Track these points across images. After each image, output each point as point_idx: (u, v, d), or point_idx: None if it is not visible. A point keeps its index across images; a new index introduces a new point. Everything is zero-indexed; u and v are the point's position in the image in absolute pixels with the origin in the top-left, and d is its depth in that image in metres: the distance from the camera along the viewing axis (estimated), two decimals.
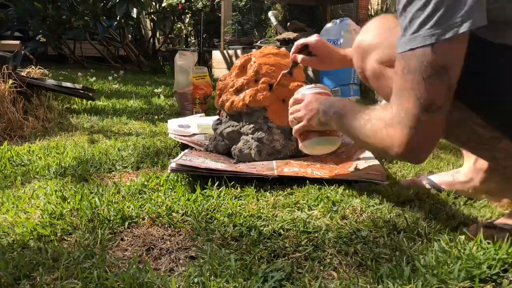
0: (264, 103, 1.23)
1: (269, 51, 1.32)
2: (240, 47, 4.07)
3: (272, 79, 1.26)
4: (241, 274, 0.63)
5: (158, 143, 1.47)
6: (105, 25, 4.59)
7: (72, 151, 1.31)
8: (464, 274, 0.61)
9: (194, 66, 2.17)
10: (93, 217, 0.83)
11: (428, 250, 0.69)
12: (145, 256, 0.71)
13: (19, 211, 0.86)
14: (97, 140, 1.54)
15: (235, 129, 1.26)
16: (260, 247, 0.72)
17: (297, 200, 0.93)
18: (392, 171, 1.16)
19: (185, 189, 0.99)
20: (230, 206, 0.89)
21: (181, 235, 0.78)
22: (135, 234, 0.78)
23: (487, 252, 0.66)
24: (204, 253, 0.70)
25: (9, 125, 1.60)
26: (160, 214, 0.85)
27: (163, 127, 1.77)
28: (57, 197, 0.92)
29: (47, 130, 1.67)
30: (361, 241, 0.75)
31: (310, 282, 0.62)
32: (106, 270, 0.65)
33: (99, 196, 0.93)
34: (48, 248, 0.70)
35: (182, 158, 1.12)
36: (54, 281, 0.62)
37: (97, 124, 1.84)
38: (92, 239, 0.74)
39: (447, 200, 0.94)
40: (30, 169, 1.14)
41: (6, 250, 0.70)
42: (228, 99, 1.27)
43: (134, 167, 1.20)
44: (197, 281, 0.62)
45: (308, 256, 0.70)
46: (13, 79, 1.73)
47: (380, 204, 0.91)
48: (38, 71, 2.13)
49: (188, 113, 2.09)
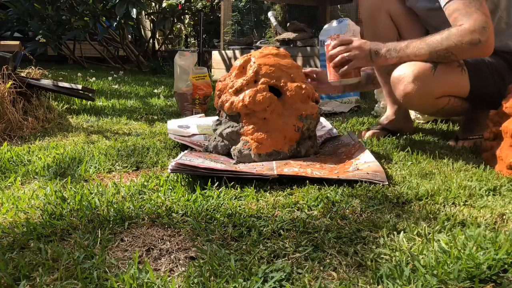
0: (263, 103, 1.23)
1: (268, 51, 1.32)
2: (240, 47, 4.07)
3: (272, 79, 1.26)
4: (241, 275, 0.63)
5: (158, 143, 1.47)
6: (105, 26, 4.59)
7: (72, 152, 1.31)
8: (464, 274, 0.62)
9: (194, 67, 2.17)
10: (93, 218, 0.82)
11: (428, 250, 0.69)
12: (145, 257, 0.71)
13: (19, 211, 0.86)
14: (97, 140, 1.54)
15: (235, 129, 1.26)
16: (260, 247, 0.72)
17: (297, 200, 0.93)
18: (391, 171, 1.16)
19: (185, 189, 0.99)
20: (230, 206, 0.89)
21: (181, 236, 0.78)
22: (135, 235, 0.78)
23: (487, 252, 0.66)
24: (204, 253, 0.70)
25: (9, 125, 1.60)
26: (160, 214, 0.85)
27: (163, 128, 1.77)
28: (57, 198, 0.92)
29: (47, 131, 1.67)
30: (361, 241, 0.75)
31: (310, 282, 0.62)
32: (106, 270, 0.65)
33: (99, 197, 0.93)
34: (48, 248, 0.70)
35: (182, 159, 1.12)
36: (54, 282, 0.62)
37: (96, 124, 1.84)
38: (92, 240, 0.74)
39: (447, 200, 0.94)
40: (30, 170, 1.14)
41: (6, 250, 0.70)
42: (228, 99, 1.27)
43: (134, 167, 1.20)
44: (197, 281, 0.62)
45: (308, 256, 0.70)
46: (12, 79, 1.73)
47: (380, 204, 0.91)
48: (38, 72, 2.13)
49: (188, 113, 2.09)
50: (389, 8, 1.50)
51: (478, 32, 1.19)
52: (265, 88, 1.25)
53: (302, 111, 1.25)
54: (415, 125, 1.84)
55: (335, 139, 1.51)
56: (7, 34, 4.63)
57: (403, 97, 1.32)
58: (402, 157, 1.29)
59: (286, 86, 1.26)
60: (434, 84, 1.27)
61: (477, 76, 1.31)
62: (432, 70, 1.26)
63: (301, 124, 1.25)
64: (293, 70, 1.29)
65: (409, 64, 1.29)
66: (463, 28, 1.21)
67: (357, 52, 1.31)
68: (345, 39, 1.33)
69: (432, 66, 1.26)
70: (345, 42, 1.33)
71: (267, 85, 1.25)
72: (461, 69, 1.30)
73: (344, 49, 1.32)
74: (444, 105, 1.33)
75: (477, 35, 1.19)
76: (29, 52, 2.85)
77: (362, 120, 2.00)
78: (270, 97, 1.24)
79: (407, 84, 1.28)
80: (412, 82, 1.27)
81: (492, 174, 1.12)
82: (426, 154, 1.32)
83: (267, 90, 1.25)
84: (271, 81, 1.26)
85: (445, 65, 1.27)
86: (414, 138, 1.61)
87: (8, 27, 4.55)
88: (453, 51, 1.24)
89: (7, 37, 4.61)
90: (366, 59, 1.31)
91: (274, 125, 1.24)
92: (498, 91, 1.32)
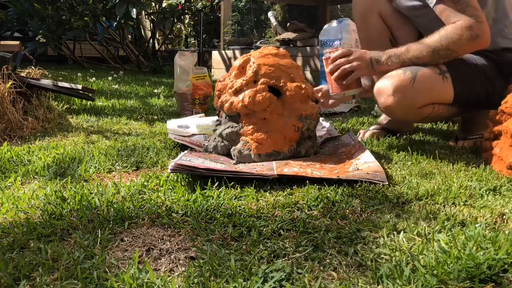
0: (263, 104, 1.23)
1: (268, 51, 1.32)
2: (240, 47, 4.07)
3: (271, 79, 1.26)
4: (241, 275, 0.63)
5: (158, 143, 1.47)
6: (105, 26, 4.58)
7: (72, 152, 1.31)
8: (464, 274, 0.62)
9: (194, 67, 2.17)
10: (93, 218, 0.82)
11: (428, 250, 0.69)
12: (145, 257, 0.71)
13: (19, 211, 0.86)
14: (97, 140, 1.54)
15: (235, 130, 1.26)
16: (260, 247, 0.72)
17: (297, 200, 0.93)
18: (391, 171, 1.16)
19: (185, 189, 0.99)
20: (230, 206, 0.89)
21: (181, 236, 0.78)
22: (135, 235, 0.78)
23: (487, 252, 0.66)
24: (204, 253, 0.70)
25: (9, 125, 1.60)
26: (160, 214, 0.85)
27: (163, 128, 1.77)
28: (57, 198, 0.92)
29: (47, 131, 1.67)
30: (361, 241, 0.75)
31: (310, 282, 0.62)
32: (106, 270, 0.65)
33: (99, 197, 0.93)
34: (48, 248, 0.70)
35: (182, 159, 1.12)
36: (54, 282, 0.62)
37: (96, 124, 1.84)
38: (92, 240, 0.74)
39: (447, 200, 0.94)
40: (30, 170, 1.14)
41: (6, 250, 0.70)
42: (227, 100, 1.27)
43: (134, 167, 1.20)
44: (197, 281, 0.62)
45: (308, 256, 0.70)
46: (12, 79, 1.73)
47: (380, 204, 0.91)
48: (38, 72, 2.13)
49: (188, 113, 2.09)
50: (380, 9, 1.50)
51: (475, 27, 1.22)
52: (265, 88, 1.25)
53: (302, 111, 1.25)
54: (415, 125, 1.84)
55: (335, 139, 1.51)
56: (7, 34, 4.62)
57: (385, 110, 1.34)
58: (402, 157, 1.29)
59: (285, 86, 1.26)
60: (414, 94, 1.27)
61: (461, 81, 1.31)
62: (411, 82, 1.26)
63: (301, 124, 1.25)
64: (292, 70, 1.29)
65: (388, 76, 1.30)
66: (460, 25, 1.23)
67: (359, 63, 1.32)
68: (345, 51, 1.34)
69: (411, 77, 1.27)
70: (345, 54, 1.34)
71: (266, 85, 1.25)
72: (442, 77, 1.29)
73: (345, 61, 1.33)
74: (429, 113, 1.33)
75: (475, 30, 1.22)
76: (29, 52, 2.85)
77: (362, 120, 2.00)
78: (270, 97, 1.24)
79: (387, 97, 1.29)
80: (392, 95, 1.27)
81: (492, 174, 1.12)
82: (426, 154, 1.32)
83: (267, 90, 1.25)
84: (270, 81, 1.26)
85: (425, 74, 1.28)
86: (414, 138, 1.61)
87: (8, 27, 4.55)
88: (454, 49, 1.26)
89: (7, 37, 4.61)
90: (368, 68, 1.33)
91: (273, 125, 1.24)
92: (486, 93, 1.32)
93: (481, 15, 1.24)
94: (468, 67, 1.34)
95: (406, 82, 1.27)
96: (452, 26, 1.24)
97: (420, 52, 1.28)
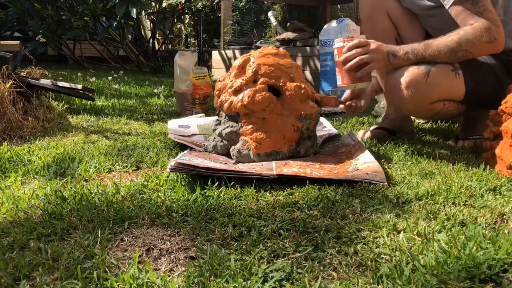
0: (263, 103, 1.23)
1: (268, 51, 1.32)
2: (240, 47, 4.07)
3: (271, 79, 1.26)
4: (241, 274, 0.63)
5: (158, 143, 1.47)
6: (105, 26, 4.59)
7: (72, 151, 1.31)
8: (464, 274, 0.62)
9: (194, 66, 2.17)
10: (93, 217, 0.82)
11: (428, 250, 0.69)
12: (145, 257, 0.71)
13: (19, 211, 0.86)
14: (97, 140, 1.54)
15: (234, 129, 1.26)
16: (260, 247, 0.72)
17: (297, 200, 0.93)
18: (391, 171, 1.16)
19: (185, 189, 0.99)
20: (230, 206, 0.89)
21: (181, 235, 0.78)
22: (135, 235, 0.78)
23: (487, 252, 0.66)
24: (204, 253, 0.70)
25: (9, 125, 1.60)
26: (160, 214, 0.85)
27: (163, 127, 1.77)
28: (56, 197, 0.92)
29: (47, 131, 1.67)
30: (361, 241, 0.75)
31: (310, 282, 0.62)
32: (106, 270, 0.65)
33: (99, 196, 0.93)
34: (48, 248, 0.70)
35: (181, 158, 1.12)
36: (54, 282, 0.62)
37: (96, 124, 1.84)
38: (92, 239, 0.74)
39: (447, 200, 0.94)
40: (30, 169, 1.14)
41: (6, 250, 0.70)
42: (227, 99, 1.27)
43: (134, 167, 1.20)
44: (197, 281, 0.62)
45: (308, 256, 0.70)
46: (12, 79, 1.73)
47: (380, 204, 0.91)
48: (38, 72, 2.13)
49: (188, 113, 2.09)
50: (388, 8, 1.50)
51: (493, 30, 1.23)
52: (264, 88, 1.25)
53: (302, 111, 1.25)
54: (415, 125, 1.84)
55: (335, 139, 1.51)
56: (7, 34, 4.63)
57: (398, 104, 1.33)
58: (402, 157, 1.29)
59: (285, 86, 1.26)
60: (428, 89, 1.28)
61: (472, 79, 1.32)
62: (425, 76, 1.27)
63: (300, 124, 1.25)
64: (292, 70, 1.29)
65: (402, 70, 1.30)
66: (479, 27, 1.24)
67: (376, 55, 1.27)
68: (362, 41, 1.28)
69: (425, 72, 1.27)
70: (362, 44, 1.28)
71: (266, 85, 1.25)
72: (455, 73, 1.30)
73: (362, 51, 1.27)
74: (440, 110, 1.33)
75: (493, 33, 1.23)
76: (29, 52, 2.85)
77: (362, 120, 2.00)
78: (269, 97, 1.24)
79: (401, 91, 1.29)
80: (405, 89, 1.27)
81: (492, 174, 1.12)
82: (426, 154, 1.32)
83: (266, 90, 1.25)
84: (270, 81, 1.26)
85: (439, 70, 1.28)
86: (414, 138, 1.61)
87: (8, 27, 4.55)
88: (472, 51, 1.26)
89: (7, 37, 4.61)
90: (384, 61, 1.29)
91: (273, 125, 1.24)
92: (495, 92, 1.32)
93: (498, 19, 1.25)
94: (479, 65, 1.34)
95: (420, 77, 1.27)
96: (471, 28, 1.24)
97: (439, 51, 1.27)
